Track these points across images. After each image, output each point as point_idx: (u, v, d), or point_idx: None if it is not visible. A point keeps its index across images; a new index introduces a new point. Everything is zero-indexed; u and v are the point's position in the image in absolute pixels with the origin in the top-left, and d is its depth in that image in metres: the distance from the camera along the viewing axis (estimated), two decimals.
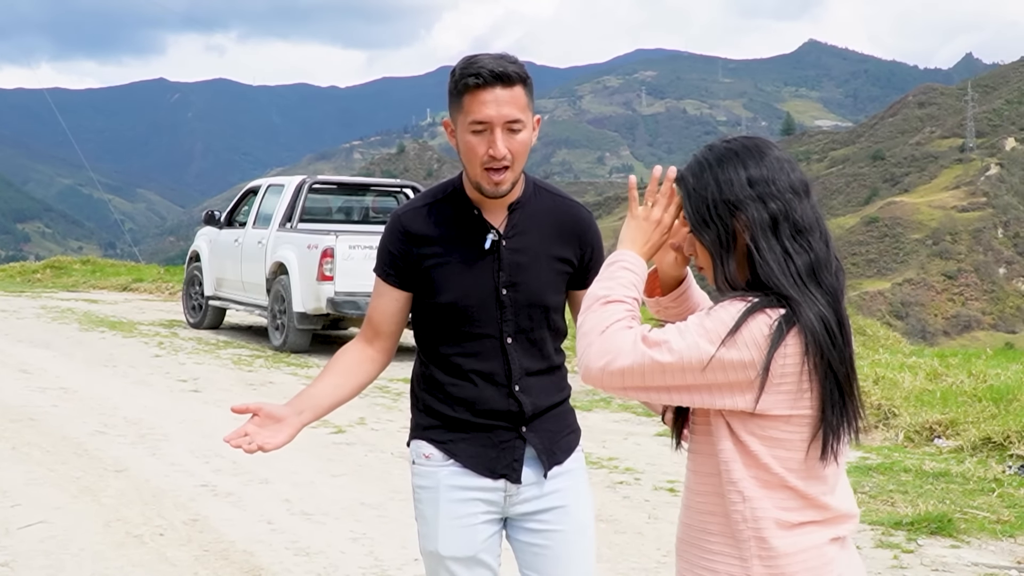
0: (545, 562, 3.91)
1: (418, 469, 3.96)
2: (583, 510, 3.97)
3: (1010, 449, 10.29)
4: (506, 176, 3.69)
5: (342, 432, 11.55)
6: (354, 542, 7.84)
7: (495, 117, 3.62)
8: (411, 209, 3.90)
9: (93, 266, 32.91)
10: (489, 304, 3.80)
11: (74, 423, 11.61)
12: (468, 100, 3.64)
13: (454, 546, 3.84)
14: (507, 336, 3.82)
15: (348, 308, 16.51)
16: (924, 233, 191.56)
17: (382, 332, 3.95)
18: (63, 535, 7.84)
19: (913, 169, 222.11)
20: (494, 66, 3.62)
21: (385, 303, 3.92)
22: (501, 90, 3.62)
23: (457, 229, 3.82)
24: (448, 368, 3.86)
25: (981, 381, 12.53)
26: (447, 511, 3.85)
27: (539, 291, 3.83)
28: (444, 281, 3.80)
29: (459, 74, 3.66)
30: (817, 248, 2.91)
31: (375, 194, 20.41)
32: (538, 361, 3.88)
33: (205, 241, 20.49)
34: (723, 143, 3.03)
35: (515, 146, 3.67)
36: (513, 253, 3.81)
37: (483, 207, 3.82)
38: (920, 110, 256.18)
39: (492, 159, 3.65)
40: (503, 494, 3.85)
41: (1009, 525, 8.42)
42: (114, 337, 18.62)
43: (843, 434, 2.88)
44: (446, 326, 3.84)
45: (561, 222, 3.91)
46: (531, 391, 3.85)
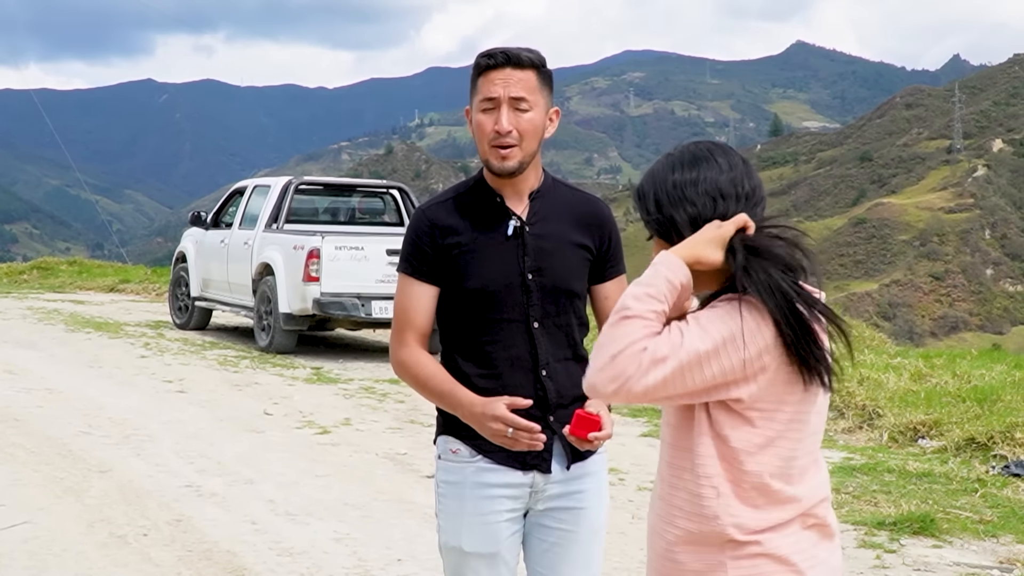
0: (554, 560, 3.95)
1: (444, 464, 3.99)
2: (599, 514, 4.01)
3: (993, 449, 10.32)
4: (513, 152, 3.78)
5: (327, 433, 11.54)
6: (338, 542, 7.84)
7: (501, 93, 3.74)
8: (434, 204, 3.96)
9: (80, 267, 32.84)
10: (515, 289, 3.85)
11: (59, 424, 11.60)
12: (481, 81, 3.80)
13: (477, 542, 3.88)
14: (533, 321, 3.87)
15: (334, 309, 16.51)
16: (911, 234, 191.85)
17: (426, 332, 3.96)
18: (47, 535, 7.83)
19: (900, 170, 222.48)
20: (510, 49, 3.77)
21: (423, 302, 3.93)
22: (512, 70, 3.76)
23: (480, 217, 3.89)
24: (475, 356, 3.89)
25: (965, 382, 12.56)
26: (473, 507, 3.88)
27: (565, 276, 3.89)
28: (470, 268, 3.85)
29: (476, 60, 3.83)
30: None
31: (361, 195, 20.40)
32: (564, 348, 3.93)
33: (191, 242, 20.46)
34: (670, 151, 3.12)
35: (522, 124, 3.77)
36: (537, 239, 3.88)
37: (505, 195, 3.90)
38: (908, 111, 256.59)
39: (497, 135, 3.75)
40: (529, 489, 3.88)
41: (992, 525, 8.44)
42: (100, 338, 18.60)
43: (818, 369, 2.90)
44: (473, 313, 3.88)
45: (581, 212, 3.98)
46: (557, 377, 3.88)
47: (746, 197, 2.99)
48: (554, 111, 3.88)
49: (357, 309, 16.52)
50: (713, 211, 2.95)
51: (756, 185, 3.03)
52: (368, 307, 16.55)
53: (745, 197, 2.98)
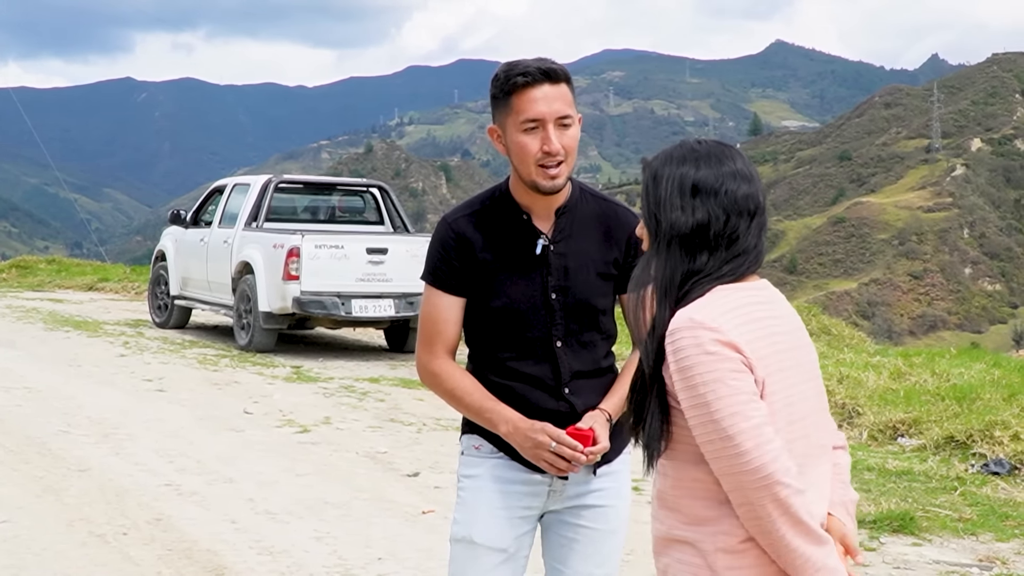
0: (572, 555, 3.96)
1: (466, 459, 3.97)
2: (621, 513, 4.01)
3: (972, 448, 10.33)
4: (561, 170, 3.75)
5: (307, 431, 11.53)
6: (318, 541, 7.83)
7: (547, 113, 3.69)
8: (462, 216, 3.92)
9: (59, 265, 32.74)
10: (539, 308, 3.84)
11: (38, 423, 11.56)
12: (517, 100, 3.71)
13: (489, 535, 3.87)
14: (556, 339, 3.86)
15: (314, 308, 16.48)
16: (890, 233, 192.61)
17: (455, 345, 3.94)
18: (26, 535, 7.81)
19: (879, 169, 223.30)
20: (541, 64, 3.71)
21: (451, 313, 3.91)
22: (550, 87, 3.70)
23: (508, 234, 3.87)
24: (500, 372, 3.88)
25: (944, 380, 12.58)
26: (489, 500, 3.88)
27: (587, 295, 3.88)
28: (497, 286, 3.84)
29: (505, 76, 3.74)
30: (725, 267, 2.96)
31: (341, 193, 20.38)
32: (588, 364, 3.91)
33: (171, 240, 20.40)
34: (694, 142, 3.07)
35: (567, 141, 3.74)
36: (560, 258, 3.86)
37: (534, 211, 3.87)
38: (886, 111, 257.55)
39: (547, 155, 3.71)
40: (547, 488, 3.88)
41: (971, 523, 8.46)
42: (79, 337, 18.54)
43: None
44: (498, 330, 3.88)
45: (607, 226, 3.96)
46: (581, 393, 3.87)
47: (754, 214, 2.98)
48: (578, 118, 3.84)
49: (337, 308, 16.50)
50: (724, 226, 2.94)
51: (764, 201, 3.04)
52: (348, 306, 16.53)
53: (753, 214, 2.98)
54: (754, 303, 2.94)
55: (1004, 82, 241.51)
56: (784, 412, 2.89)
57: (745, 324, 2.87)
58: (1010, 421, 10.50)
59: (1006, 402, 11.20)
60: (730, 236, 2.94)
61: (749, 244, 2.98)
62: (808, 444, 2.97)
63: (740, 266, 2.96)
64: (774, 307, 3.01)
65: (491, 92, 3.80)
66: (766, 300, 3.00)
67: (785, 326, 3.00)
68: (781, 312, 3.03)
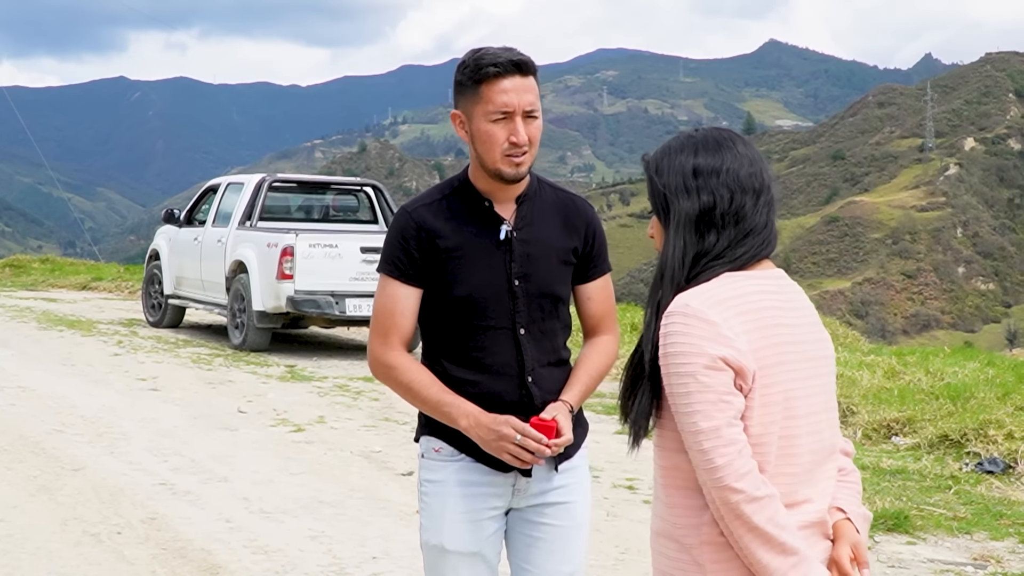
0: (538, 554, 3.94)
1: (427, 463, 3.95)
2: (583, 508, 4.00)
3: (966, 447, 10.34)
4: (526, 159, 3.77)
5: (301, 431, 11.52)
6: (313, 540, 7.82)
7: (517, 105, 3.72)
8: (422, 205, 3.91)
9: (52, 265, 32.69)
10: (502, 296, 3.83)
11: (32, 422, 11.54)
12: (487, 89, 3.72)
13: (459, 541, 3.86)
14: (520, 327, 3.85)
15: (308, 307, 16.46)
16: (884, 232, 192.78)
17: (409, 336, 3.92)
18: (20, 534, 7.79)
19: (873, 169, 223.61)
20: (511, 55, 3.73)
21: (407, 304, 3.88)
22: (519, 78, 3.73)
23: (470, 222, 3.86)
24: (463, 362, 3.86)
25: (938, 379, 12.59)
26: (454, 505, 3.86)
27: (549, 282, 3.88)
28: (459, 274, 3.82)
29: (474, 64, 3.75)
30: (738, 249, 2.96)
31: (335, 192, 20.36)
32: (549, 353, 3.91)
33: (165, 240, 20.38)
34: (691, 130, 3.09)
35: (533, 132, 3.77)
36: (524, 244, 3.86)
37: (495, 199, 3.87)
38: (880, 110, 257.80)
39: (513, 146, 3.73)
40: (511, 487, 3.87)
41: (965, 522, 8.47)
42: (73, 336, 18.52)
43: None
44: (459, 319, 3.86)
45: (566, 215, 3.97)
46: (543, 383, 3.86)
47: (760, 192, 2.99)
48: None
49: (331, 307, 16.48)
50: (729, 204, 2.95)
51: (770, 180, 3.03)
52: (342, 305, 16.52)
53: (759, 192, 2.98)
54: (760, 292, 2.93)
55: (997, 81, 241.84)
56: (781, 406, 2.87)
57: (744, 314, 2.85)
58: (1004, 420, 10.50)
59: (1000, 401, 11.20)
60: (736, 214, 2.95)
61: (758, 222, 2.98)
62: (814, 441, 2.96)
63: (751, 247, 2.96)
64: (784, 298, 2.99)
65: (457, 78, 3.80)
66: (776, 290, 2.98)
67: (795, 318, 2.97)
68: (793, 304, 3.01)
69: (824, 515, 2.97)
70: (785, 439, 2.88)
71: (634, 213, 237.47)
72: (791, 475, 2.89)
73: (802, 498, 2.92)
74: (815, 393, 2.98)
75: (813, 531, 2.93)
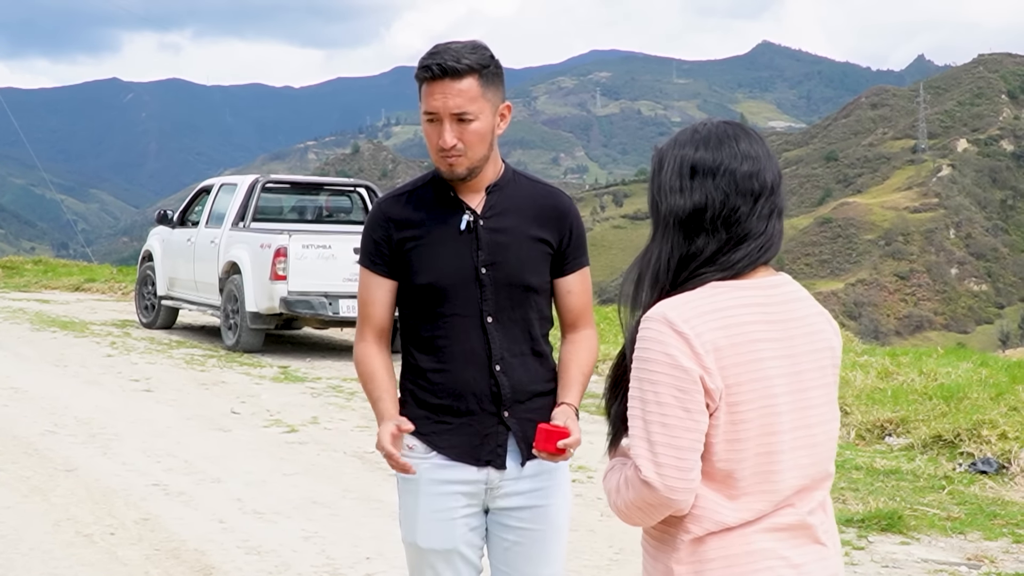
0: (516, 558, 3.96)
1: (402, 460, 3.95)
2: (561, 511, 4.02)
3: (960, 447, 10.35)
4: (460, 161, 3.77)
5: (295, 431, 11.52)
6: (306, 541, 7.82)
7: (441, 109, 3.73)
8: (391, 197, 3.98)
9: (45, 266, 32.65)
10: (468, 283, 3.84)
11: (24, 423, 11.53)
12: (424, 90, 3.77)
13: (432, 539, 3.89)
14: (487, 315, 3.86)
15: (301, 308, 16.45)
16: (877, 234, 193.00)
17: (384, 327, 3.99)
18: (13, 535, 7.79)
19: (866, 170, 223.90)
20: (444, 59, 3.72)
21: (380, 295, 3.95)
22: (450, 82, 3.72)
23: (435, 211, 3.89)
24: (430, 350, 3.89)
25: (932, 379, 12.60)
26: (427, 504, 3.89)
27: (519, 270, 3.88)
28: (421, 262, 3.85)
29: (419, 65, 3.79)
30: (732, 255, 2.87)
31: (328, 193, 20.34)
32: (520, 343, 3.91)
33: (158, 241, 20.36)
34: (698, 124, 3.01)
35: (467, 135, 3.75)
36: (492, 233, 3.86)
37: (459, 189, 3.89)
38: (873, 111, 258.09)
39: (441, 149, 3.75)
40: (484, 486, 3.89)
41: (959, 522, 8.48)
42: (66, 337, 18.50)
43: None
44: (426, 308, 3.88)
45: (541, 206, 3.96)
46: (512, 373, 3.88)
47: (759, 195, 2.86)
48: (505, 107, 3.86)
49: (324, 307, 16.47)
50: (722, 207, 2.85)
51: (775, 181, 2.92)
52: (335, 305, 16.50)
53: (758, 195, 2.86)
54: (744, 305, 2.83)
55: (990, 83, 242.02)
56: (757, 423, 2.80)
57: (722, 328, 2.77)
58: (997, 420, 10.52)
59: (993, 401, 11.22)
60: (727, 218, 2.84)
61: (754, 228, 2.86)
62: (803, 455, 2.88)
63: (747, 255, 2.86)
64: (774, 309, 2.88)
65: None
66: (763, 301, 2.87)
67: (781, 331, 2.87)
68: (785, 315, 2.90)
69: (806, 517, 2.89)
70: (764, 456, 2.81)
71: (627, 214, 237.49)
72: (772, 491, 2.82)
73: (783, 504, 2.86)
74: (807, 406, 2.90)
75: (792, 533, 2.86)
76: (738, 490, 2.81)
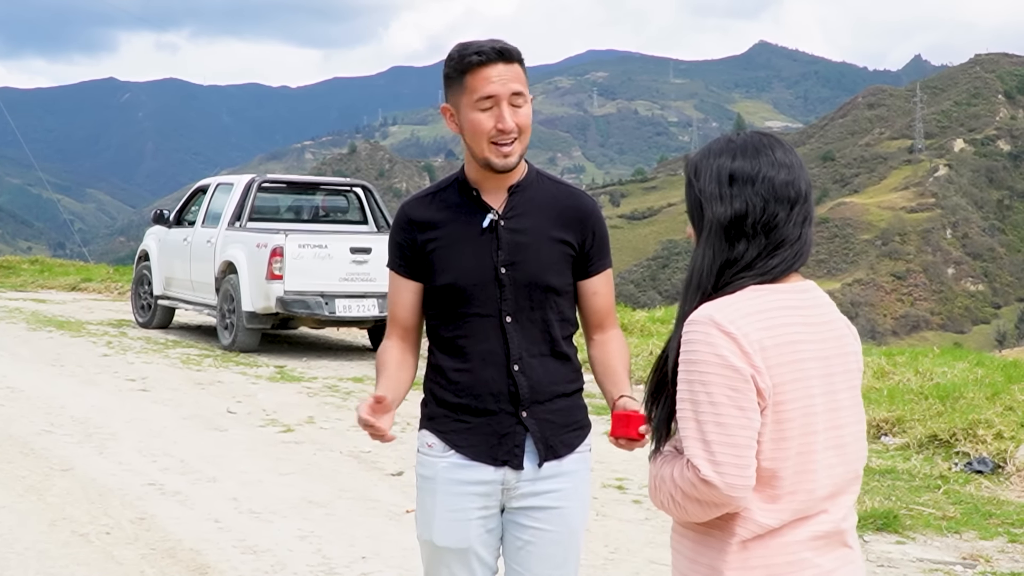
0: (529, 559, 3.94)
1: (421, 458, 3.99)
2: (578, 514, 3.99)
3: (956, 446, 10.36)
4: (514, 147, 3.79)
5: (291, 431, 11.51)
6: (302, 540, 7.81)
7: (501, 91, 3.73)
8: (414, 199, 4.00)
9: (42, 266, 32.63)
10: (488, 284, 3.85)
11: (20, 422, 11.52)
12: (472, 79, 3.75)
13: (448, 537, 3.88)
14: (506, 315, 3.86)
15: (298, 307, 16.45)
16: (873, 234, 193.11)
17: (409, 327, 4.01)
18: (8, 534, 7.78)
19: (863, 170, 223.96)
20: (495, 44, 3.75)
21: (404, 296, 3.98)
22: (503, 66, 3.74)
23: (457, 212, 3.89)
24: (450, 350, 3.90)
25: (928, 379, 12.60)
26: (443, 503, 3.88)
27: (539, 271, 3.87)
28: (443, 262, 3.86)
29: (459, 56, 3.77)
30: (769, 261, 2.94)
31: (325, 193, 20.31)
32: (540, 344, 3.91)
33: (154, 240, 20.34)
34: (732, 134, 3.08)
35: (520, 119, 3.78)
36: (512, 233, 3.86)
37: (483, 190, 3.89)
38: (869, 111, 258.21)
39: (500, 132, 3.75)
40: (501, 487, 3.88)
41: (954, 521, 8.48)
42: (62, 337, 18.49)
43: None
44: (447, 308, 3.89)
45: (563, 207, 3.96)
46: (531, 373, 3.87)
47: (795, 202, 2.96)
48: (530, 98, 3.88)
49: (321, 307, 16.47)
50: (762, 213, 2.92)
51: (808, 189, 3.01)
52: (332, 305, 16.50)
53: (794, 203, 2.95)
54: (784, 307, 2.91)
55: (987, 83, 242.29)
56: (799, 422, 2.87)
57: (766, 329, 2.84)
58: (993, 420, 10.52)
59: (989, 401, 11.21)
60: (767, 224, 2.92)
61: (790, 234, 2.95)
62: (834, 455, 2.95)
63: (783, 260, 2.95)
64: (810, 312, 2.97)
65: (445, 71, 3.83)
66: (800, 304, 2.95)
67: (816, 334, 2.95)
68: (818, 318, 2.99)
69: (840, 524, 2.96)
70: (803, 455, 2.88)
71: (624, 214, 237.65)
72: (808, 491, 2.89)
73: (818, 510, 2.92)
74: (837, 408, 2.97)
75: (827, 541, 2.93)
76: (779, 490, 2.87)
